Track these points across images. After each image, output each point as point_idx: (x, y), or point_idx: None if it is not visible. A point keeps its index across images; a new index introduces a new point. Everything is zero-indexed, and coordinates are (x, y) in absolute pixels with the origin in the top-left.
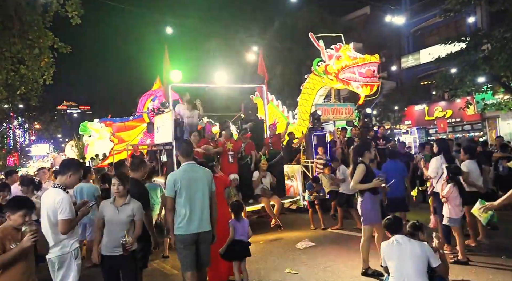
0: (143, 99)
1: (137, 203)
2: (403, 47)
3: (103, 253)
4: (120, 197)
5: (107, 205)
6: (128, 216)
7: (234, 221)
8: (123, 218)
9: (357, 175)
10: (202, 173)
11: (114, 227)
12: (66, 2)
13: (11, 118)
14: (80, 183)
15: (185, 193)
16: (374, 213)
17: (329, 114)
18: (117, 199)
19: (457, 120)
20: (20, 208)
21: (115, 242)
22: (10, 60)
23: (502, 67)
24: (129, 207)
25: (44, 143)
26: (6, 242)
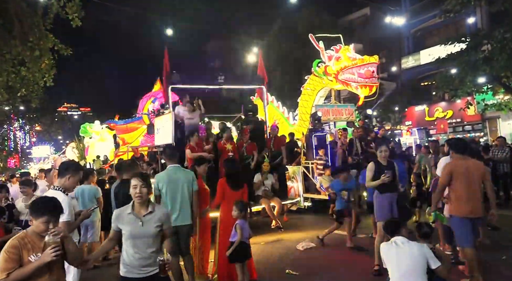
0: (143, 100)
1: (163, 209)
2: (403, 48)
3: (126, 275)
4: (142, 205)
5: (125, 215)
6: (156, 226)
7: (242, 222)
8: (150, 231)
9: (368, 172)
10: (183, 175)
11: (139, 243)
12: (67, 4)
13: (12, 120)
14: (82, 185)
15: (167, 191)
16: (381, 211)
17: (329, 115)
18: (138, 207)
19: (457, 120)
20: (43, 213)
21: (143, 261)
22: (11, 62)
23: (502, 67)
24: (155, 216)
25: (44, 145)
26: (25, 252)
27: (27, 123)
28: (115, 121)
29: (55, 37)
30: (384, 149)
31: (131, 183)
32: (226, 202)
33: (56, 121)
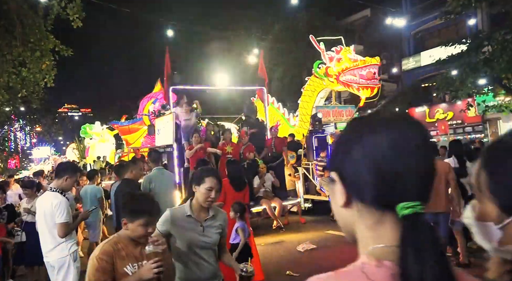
0: (144, 101)
1: (223, 213)
2: (403, 49)
3: None
4: (203, 208)
5: (182, 218)
6: (217, 233)
7: (243, 224)
8: (212, 238)
9: None
10: (167, 176)
11: (200, 252)
12: (68, 5)
13: (13, 121)
14: (86, 185)
15: (156, 190)
16: None
17: (330, 116)
18: (198, 210)
19: (458, 122)
20: (141, 214)
21: (205, 273)
22: (12, 63)
23: (503, 69)
24: (217, 221)
25: (45, 146)
26: (118, 261)
27: (27, 124)
28: (118, 122)
29: (56, 38)
30: None
31: (206, 184)
32: (228, 203)
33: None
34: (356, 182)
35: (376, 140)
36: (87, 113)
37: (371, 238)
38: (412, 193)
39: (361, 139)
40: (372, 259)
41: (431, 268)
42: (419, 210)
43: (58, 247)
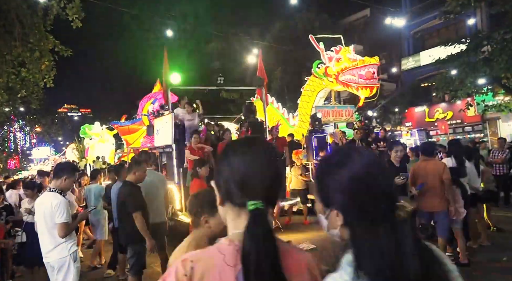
0: (143, 101)
1: None
2: (403, 49)
3: None
4: None
5: None
6: None
7: None
8: None
9: None
10: (156, 177)
11: None
12: (67, 5)
13: (12, 121)
14: (90, 184)
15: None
16: None
17: (329, 116)
18: None
19: (457, 121)
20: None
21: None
22: (11, 63)
23: (503, 68)
24: None
25: (45, 146)
26: None
27: (27, 124)
28: (118, 122)
29: (55, 39)
30: (400, 149)
31: None
32: None
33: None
34: (224, 189)
35: (235, 161)
36: (86, 114)
37: (232, 227)
38: (257, 195)
39: (226, 160)
40: (227, 240)
41: (261, 245)
42: (260, 206)
43: (58, 248)
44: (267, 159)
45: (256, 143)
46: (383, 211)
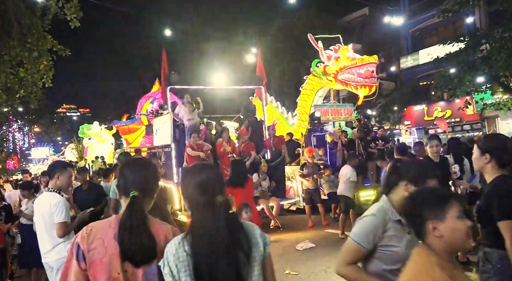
0: (142, 101)
1: None
2: (402, 48)
3: None
4: None
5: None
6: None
7: None
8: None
9: None
10: None
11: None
12: (65, 5)
13: (11, 121)
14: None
15: None
16: None
17: (328, 115)
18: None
19: (456, 120)
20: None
21: None
22: (9, 63)
23: (501, 67)
24: None
25: (43, 146)
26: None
27: (26, 125)
28: (119, 122)
29: (53, 38)
30: (435, 143)
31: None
32: (235, 200)
33: (55, 122)
34: (123, 188)
35: (126, 172)
36: (85, 113)
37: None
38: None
39: (123, 172)
40: (115, 216)
41: (133, 215)
42: (136, 194)
43: (56, 248)
44: (142, 169)
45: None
46: (206, 202)
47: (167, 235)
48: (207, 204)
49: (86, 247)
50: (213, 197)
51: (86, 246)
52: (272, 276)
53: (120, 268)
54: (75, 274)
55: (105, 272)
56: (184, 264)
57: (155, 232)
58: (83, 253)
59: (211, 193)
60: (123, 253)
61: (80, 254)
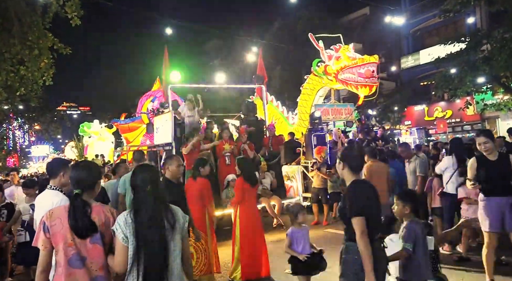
0: (142, 99)
1: None
2: (402, 48)
3: None
4: None
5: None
6: None
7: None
8: None
9: (469, 170)
10: None
11: None
12: (66, 3)
13: (11, 119)
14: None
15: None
16: (488, 219)
17: (329, 115)
18: None
19: (457, 120)
20: None
21: None
22: (10, 61)
23: (502, 67)
24: None
25: (43, 144)
26: None
27: (26, 122)
28: (118, 120)
29: (54, 36)
30: (482, 140)
31: None
32: (246, 200)
33: (55, 120)
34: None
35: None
36: (85, 111)
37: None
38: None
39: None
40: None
41: (74, 208)
42: (78, 192)
43: None
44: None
45: (79, 165)
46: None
47: (106, 213)
48: (145, 190)
49: (49, 223)
50: (148, 185)
51: (49, 222)
52: (187, 247)
53: (71, 237)
54: (42, 240)
55: (62, 239)
56: (129, 226)
57: (97, 213)
58: (48, 227)
59: (147, 183)
60: (72, 229)
61: (46, 228)
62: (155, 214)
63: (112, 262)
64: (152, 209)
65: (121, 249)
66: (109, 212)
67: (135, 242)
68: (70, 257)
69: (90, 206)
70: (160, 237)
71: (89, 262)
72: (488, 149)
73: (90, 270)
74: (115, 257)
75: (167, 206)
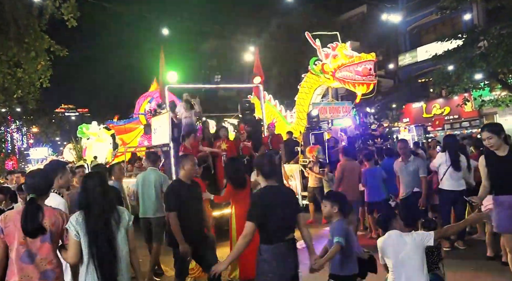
0: (140, 100)
1: None
2: (400, 45)
3: None
4: None
5: None
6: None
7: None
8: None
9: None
10: (155, 176)
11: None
12: (62, 5)
13: (9, 122)
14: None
15: (142, 189)
16: (501, 219)
17: (326, 113)
18: None
19: (455, 117)
20: None
21: None
22: (7, 63)
23: (499, 63)
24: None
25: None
26: None
27: (24, 125)
28: (113, 122)
29: (50, 38)
30: (487, 136)
31: None
32: (239, 200)
33: (53, 122)
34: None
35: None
36: (84, 113)
37: None
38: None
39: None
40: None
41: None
42: (32, 196)
43: None
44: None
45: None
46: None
47: (57, 215)
48: (93, 193)
49: (3, 225)
50: (96, 189)
51: (3, 225)
52: (132, 239)
53: (23, 237)
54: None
55: (15, 239)
56: (80, 224)
57: (48, 215)
58: (2, 229)
59: (95, 187)
60: (23, 230)
61: (0, 229)
62: (102, 213)
63: (66, 255)
64: (99, 209)
65: (73, 244)
66: (59, 215)
67: (87, 239)
68: (22, 254)
69: (42, 210)
70: (108, 232)
71: (39, 258)
72: (492, 145)
73: (39, 265)
74: (68, 251)
75: (114, 207)
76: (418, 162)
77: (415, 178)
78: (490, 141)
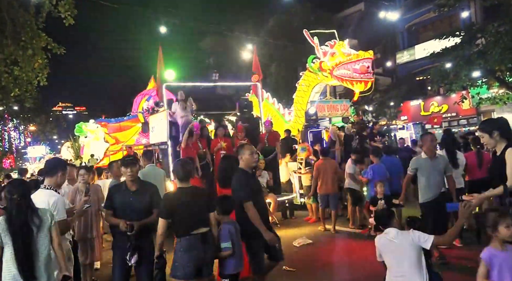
0: (138, 99)
1: None
2: (398, 43)
3: None
4: None
5: None
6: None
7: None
8: None
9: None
10: (158, 172)
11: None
12: (59, 2)
13: (6, 120)
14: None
15: None
16: None
17: (325, 111)
18: None
19: (453, 114)
20: None
21: None
22: (4, 62)
23: (497, 61)
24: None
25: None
26: None
27: (21, 123)
28: (107, 120)
29: (47, 36)
30: (479, 134)
31: None
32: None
33: (51, 120)
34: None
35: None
36: (81, 112)
37: None
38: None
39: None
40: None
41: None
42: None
43: None
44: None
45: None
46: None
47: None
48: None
49: None
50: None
51: None
52: (56, 237)
53: None
54: None
55: None
56: (4, 229)
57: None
58: None
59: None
60: None
61: None
62: (22, 217)
63: None
64: (18, 214)
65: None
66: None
67: (12, 241)
68: None
69: None
70: (25, 235)
71: None
72: (486, 144)
73: None
74: None
75: (33, 210)
76: (442, 159)
77: (443, 177)
78: (483, 140)
